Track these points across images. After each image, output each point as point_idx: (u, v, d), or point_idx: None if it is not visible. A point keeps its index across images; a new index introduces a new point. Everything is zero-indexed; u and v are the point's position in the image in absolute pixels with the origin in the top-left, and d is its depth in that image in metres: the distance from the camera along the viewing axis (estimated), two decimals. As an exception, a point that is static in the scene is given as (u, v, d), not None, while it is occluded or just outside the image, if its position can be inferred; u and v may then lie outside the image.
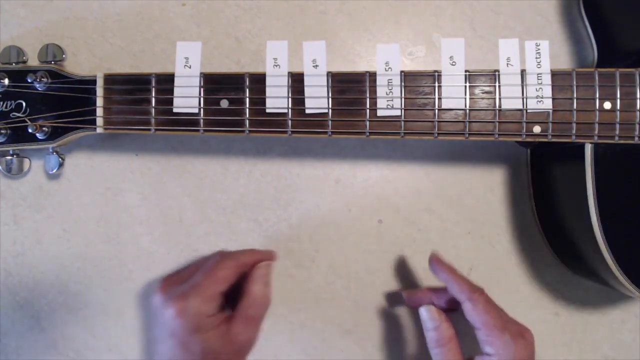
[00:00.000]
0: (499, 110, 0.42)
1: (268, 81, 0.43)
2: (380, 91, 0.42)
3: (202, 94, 0.43)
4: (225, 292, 0.42)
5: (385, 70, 0.42)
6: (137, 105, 0.43)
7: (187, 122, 0.43)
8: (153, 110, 0.43)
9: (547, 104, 0.42)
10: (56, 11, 0.49)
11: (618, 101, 0.42)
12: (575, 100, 0.42)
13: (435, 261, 0.45)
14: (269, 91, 0.42)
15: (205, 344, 0.39)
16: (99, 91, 0.43)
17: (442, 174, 0.50)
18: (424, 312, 0.43)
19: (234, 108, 0.43)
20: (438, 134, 0.42)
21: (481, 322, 0.41)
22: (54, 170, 0.46)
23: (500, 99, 0.42)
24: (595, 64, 0.45)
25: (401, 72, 0.42)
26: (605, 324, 0.50)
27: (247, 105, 0.42)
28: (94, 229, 0.49)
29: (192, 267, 0.45)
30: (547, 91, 0.42)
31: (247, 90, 0.42)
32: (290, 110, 0.42)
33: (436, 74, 0.42)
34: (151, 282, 0.49)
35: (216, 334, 0.40)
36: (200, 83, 0.43)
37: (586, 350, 0.50)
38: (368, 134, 0.42)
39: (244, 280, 0.43)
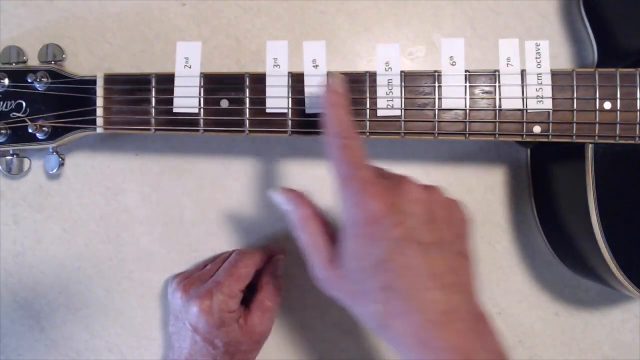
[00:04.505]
0: (499, 110, 0.42)
1: (268, 81, 0.43)
2: (380, 91, 0.42)
3: (202, 94, 0.43)
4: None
5: (385, 70, 0.42)
6: (137, 105, 0.43)
7: (187, 122, 0.43)
8: (153, 110, 0.43)
9: (547, 104, 0.42)
10: (56, 11, 0.49)
11: (618, 101, 0.42)
12: (575, 100, 0.42)
13: (329, 91, 0.36)
14: (269, 91, 0.42)
15: (228, 337, 0.42)
16: (99, 91, 0.43)
17: (442, 174, 0.50)
18: (275, 196, 0.38)
19: (234, 108, 0.43)
20: (438, 134, 0.42)
21: (334, 170, 0.34)
22: (54, 170, 0.46)
23: (500, 99, 0.42)
24: (596, 64, 0.45)
25: (401, 72, 0.42)
26: (605, 324, 0.50)
27: (247, 105, 0.42)
28: (94, 229, 0.50)
29: (211, 266, 0.47)
30: (547, 91, 0.42)
31: (247, 90, 0.42)
32: (290, 110, 0.42)
33: (436, 74, 0.42)
34: (165, 282, 0.50)
35: (237, 327, 0.43)
36: (200, 83, 0.43)
37: (586, 350, 0.50)
38: (368, 134, 0.42)
39: (258, 274, 0.46)
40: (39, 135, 0.43)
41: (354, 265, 0.33)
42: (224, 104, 0.43)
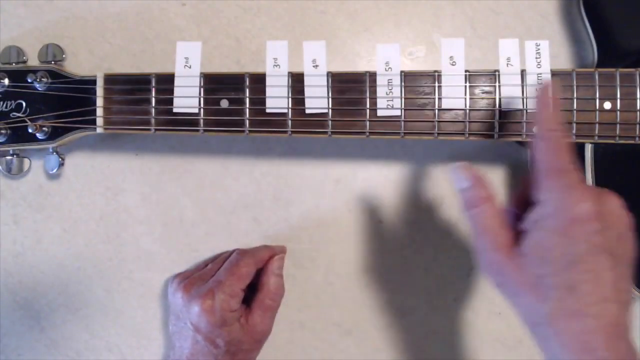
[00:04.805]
0: (499, 110, 0.42)
1: (268, 81, 0.43)
2: (380, 91, 0.42)
3: (202, 94, 0.43)
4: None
5: (385, 70, 0.42)
6: (137, 105, 0.43)
7: (187, 122, 0.43)
8: (153, 110, 0.43)
9: (547, 104, 0.42)
10: (56, 11, 0.49)
11: (618, 101, 0.42)
12: (575, 100, 0.42)
13: (543, 91, 0.37)
14: (269, 91, 0.42)
15: (230, 336, 0.42)
16: (99, 91, 0.43)
17: (442, 174, 0.50)
18: (452, 171, 0.38)
19: (234, 108, 0.43)
20: (438, 134, 0.42)
21: (543, 162, 0.35)
22: (54, 170, 0.46)
23: (500, 99, 0.42)
24: (596, 64, 0.45)
25: (401, 72, 0.42)
26: (605, 324, 0.50)
27: (247, 105, 0.42)
28: (94, 229, 0.50)
29: (212, 266, 0.47)
30: (547, 91, 0.42)
31: (247, 90, 0.42)
32: (290, 110, 0.42)
33: (436, 74, 0.42)
34: (165, 282, 0.50)
35: (238, 326, 0.43)
36: (200, 83, 0.43)
37: (586, 350, 0.50)
38: (368, 134, 0.42)
39: (259, 273, 0.46)
40: (39, 135, 0.43)
41: (541, 257, 0.33)
42: (224, 104, 0.43)
